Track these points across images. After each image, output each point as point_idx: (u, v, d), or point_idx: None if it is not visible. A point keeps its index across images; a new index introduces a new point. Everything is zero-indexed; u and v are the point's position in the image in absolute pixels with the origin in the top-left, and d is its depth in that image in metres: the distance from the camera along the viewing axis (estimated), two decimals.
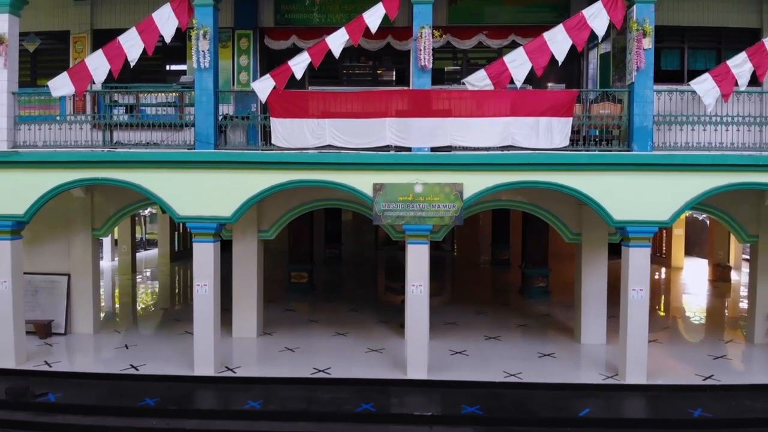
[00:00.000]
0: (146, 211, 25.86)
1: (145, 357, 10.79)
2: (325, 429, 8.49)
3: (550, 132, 9.57)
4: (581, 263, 11.78)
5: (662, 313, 15.48)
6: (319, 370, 10.13)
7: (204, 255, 9.86)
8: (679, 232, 22.19)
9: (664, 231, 22.41)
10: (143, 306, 16.11)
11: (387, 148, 9.80)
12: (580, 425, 8.58)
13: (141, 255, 24.34)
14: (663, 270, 22.31)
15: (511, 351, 11.42)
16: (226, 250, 10.64)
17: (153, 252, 25.84)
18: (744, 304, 14.75)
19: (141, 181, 9.80)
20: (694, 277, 20.40)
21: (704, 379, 9.83)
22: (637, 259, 9.58)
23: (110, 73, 9.62)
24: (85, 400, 9.16)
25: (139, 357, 10.80)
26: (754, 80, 9.60)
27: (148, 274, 21.32)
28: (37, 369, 10.18)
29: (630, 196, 9.45)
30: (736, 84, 9.36)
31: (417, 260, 9.92)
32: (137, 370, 10.17)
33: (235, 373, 10.09)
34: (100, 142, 10.67)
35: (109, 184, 10.09)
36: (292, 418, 8.69)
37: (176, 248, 23.97)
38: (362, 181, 9.66)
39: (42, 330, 11.87)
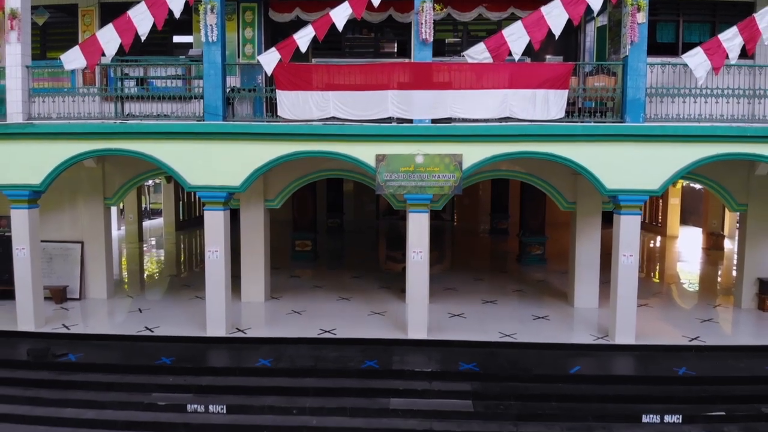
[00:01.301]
0: (150, 181, 26.14)
1: (158, 320, 11.26)
2: (332, 384, 8.99)
3: (547, 104, 9.79)
4: (576, 231, 12.16)
5: (656, 280, 15.95)
6: (325, 331, 10.61)
7: (215, 222, 10.23)
8: (674, 202, 22.52)
9: (660, 200, 22.77)
10: (152, 273, 16.57)
11: (389, 119, 10.03)
12: (570, 381, 9.06)
13: (146, 224, 24.70)
14: (658, 238, 22.73)
15: (508, 314, 11.88)
16: (233, 219, 11.03)
17: (157, 221, 26.29)
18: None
19: (153, 152, 10.09)
20: (688, 245, 20.87)
21: (690, 340, 10.26)
22: (628, 226, 9.94)
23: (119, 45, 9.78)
24: (104, 359, 9.64)
25: (152, 320, 11.27)
26: (744, 54, 9.83)
27: (154, 242, 21.78)
28: (55, 332, 10.62)
29: (622, 165, 9.75)
30: (727, 57, 9.56)
31: (418, 228, 10.30)
32: (152, 331, 10.63)
33: (245, 333, 10.55)
34: (111, 113, 10.89)
35: (122, 155, 10.38)
36: (301, 375, 9.19)
37: (181, 217, 24.35)
38: (365, 152, 9.95)
39: (58, 295, 12.35)
